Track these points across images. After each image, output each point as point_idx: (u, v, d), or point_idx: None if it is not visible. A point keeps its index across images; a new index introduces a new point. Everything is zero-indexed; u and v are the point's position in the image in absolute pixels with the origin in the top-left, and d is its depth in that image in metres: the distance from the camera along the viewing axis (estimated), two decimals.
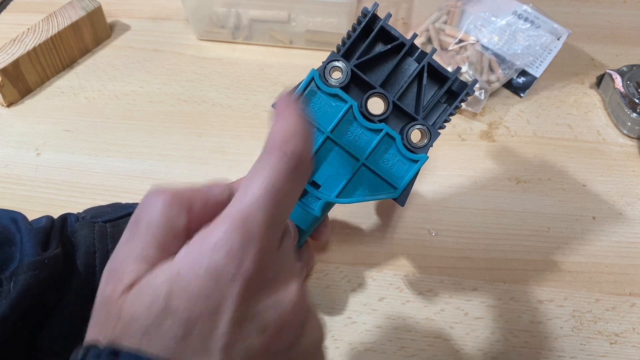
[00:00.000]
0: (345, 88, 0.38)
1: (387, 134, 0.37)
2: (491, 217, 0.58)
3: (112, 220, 0.44)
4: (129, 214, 0.43)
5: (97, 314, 0.27)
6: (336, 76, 0.37)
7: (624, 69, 0.67)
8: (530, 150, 0.64)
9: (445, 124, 0.39)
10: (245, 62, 0.74)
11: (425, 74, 0.37)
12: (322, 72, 0.37)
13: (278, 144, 0.28)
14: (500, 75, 0.67)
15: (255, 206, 0.26)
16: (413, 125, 0.38)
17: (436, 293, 0.53)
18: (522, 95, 0.69)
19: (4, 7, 0.82)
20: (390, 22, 0.38)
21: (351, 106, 0.37)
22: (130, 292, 0.26)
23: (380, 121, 0.37)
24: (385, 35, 0.38)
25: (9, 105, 0.70)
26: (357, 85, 0.38)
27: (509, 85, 0.69)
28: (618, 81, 0.66)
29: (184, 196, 0.30)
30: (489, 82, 0.67)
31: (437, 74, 0.38)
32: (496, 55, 0.68)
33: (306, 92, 0.37)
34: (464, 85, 0.37)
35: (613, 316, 0.51)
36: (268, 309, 0.27)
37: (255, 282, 0.26)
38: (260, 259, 0.26)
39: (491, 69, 0.68)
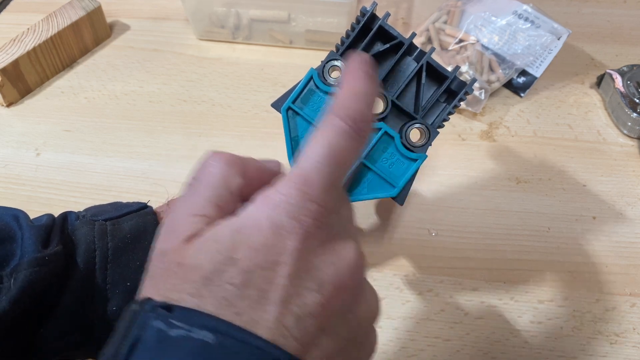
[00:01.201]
0: None
1: (385, 132, 0.37)
2: (491, 217, 0.58)
3: (113, 218, 0.44)
4: (130, 213, 0.43)
5: (153, 268, 0.28)
6: (335, 75, 0.37)
7: (624, 68, 0.67)
8: (530, 150, 0.64)
9: (444, 123, 0.39)
10: (245, 62, 0.74)
11: (424, 73, 0.37)
12: (321, 71, 0.37)
13: (340, 106, 0.29)
14: (501, 75, 0.67)
15: (315, 167, 0.28)
16: (412, 125, 0.38)
17: (436, 293, 0.53)
18: (522, 95, 0.69)
19: (4, 7, 0.82)
20: (391, 22, 0.38)
21: None
22: (193, 243, 0.27)
23: (379, 120, 0.37)
24: (384, 34, 0.38)
25: (9, 105, 0.70)
26: None
27: (509, 85, 0.69)
28: (618, 81, 0.66)
29: (240, 159, 0.31)
30: (489, 82, 0.67)
31: (436, 73, 0.38)
32: (496, 55, 0.68)
33: (305, 91, 0.37)
34: (462, 84, 0.37)
35: (613, 316, 0.51)
36: (326, 266, 0.27)
37: (314, 238, 0.27)
38: (319, 216, 0.27)
39: (491, 69, 0.68)
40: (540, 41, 0.68)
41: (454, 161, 0.63)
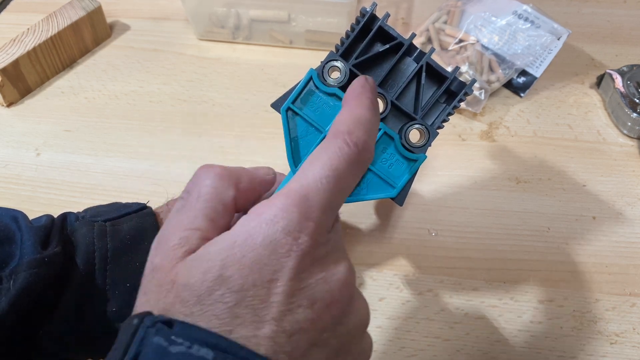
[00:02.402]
0: (343, 88, 0.38)
1: (385, 133, 0.37)
2: (491, 217, 0.58)
3: (112, 219, 0.44)
4: (129, 214, 0.43)
5: (147, 284, 0.28)
6: (335, 76, 0.37)
7: (624, 69, 0.67)
8: (530, 150, 0.64)
9: (443, 123, 0.39)
10: (246, 62, 0.74)
11: (423, 74, 0.37)
12: (320, 72, 0.37)
13: (344, 130, 0.29)
14: (500, 75, 0.67)
15: (317, 186, 0.28)
16: (411, 125, 0.37)
17: (436, 293, 0.53)
18: (522, 95, 0.69)
19: (4, 7, 0.82)
20: (390, 22, 0.38)
21: None
22: (185, 260, 0.27)
23: None
24: (384, 35, 0.38)
25: (9, 105, 0.70)
26: None
27: (509, 85, 0.69)
28: (618, 81, 0.66)
29: (232, 171, 0.31)
30: (489, 82, 0.67)
31: (435, 74, 0.38)
32: (496, 55, 0.68)
33: (304, 91, 0.37)
34: (462, 84, 0.37)
35: (613, 316, 0.51)
36: (318, 284, 0.27)
37: (309, 258, 0.27)
38: (316, 236, 0.27)
39: (491, 69, 0.68)
40: (540, 41, 0.68)
41: (454, 161, 0.63)
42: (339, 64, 0.37)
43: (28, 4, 0.83)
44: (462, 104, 0.65)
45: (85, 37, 0.74)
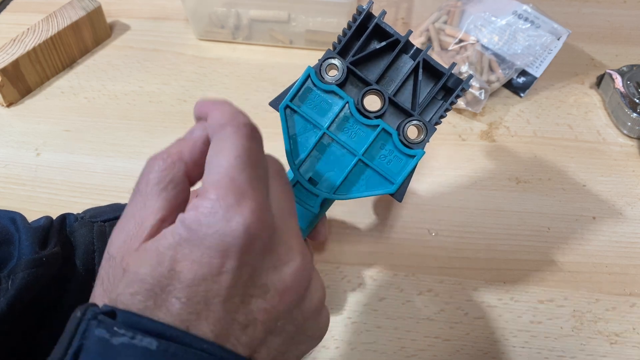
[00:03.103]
0: (341, 85, 0.38)
1: (383, 129, 0.37)
2: (491, 217, 0.58)
3: (111, 219, 0.44)
4: None
5: (102, 273, 0.27)
6: (332, 73, 0.37)
7: (624, 69, 0.66)
8: (530, 150, 0.63)
9: (441, 119, 0.39)
10: (246, 62, 0.74)
11: (420, 70, 0.37)
12: (318, 70, 0.37)
13: (227, 118, 0.29)
14: (500, 75, 0.67)
15: (235, 168, 0.27)
16: (409, 121, 0.37)
17: (436, 293, 0.53)
18: (522, 95, 0.69)
19: (4, 7, 0.83)
20: (391, 23, 0.38)
21: (347, 103, 0.37)
22: (136, 252, 0.26)
23: (376, 117, 0.37)
24: (381, 32, 0.38)
25: (9, 105, 0.70)
26: (353, 82, 0.38)
27: (509, 85, 0.69)
28: (618, 81, 0.65)
29: (171, 150, 0.30)
30: (489, 82, 0.67)
31: (432, 70, 0.38)
32: (496, 55, 0.68)
33: (302, 89, 0.37)
34: (459, 81, 0.37)
35: (613, 316, 0.51)
36: (269, 273, 0.27)
37: (255, 239, 0.26)
38: (257, 216, 0.26)
39: (491, 69, 0.68)
40: (540, 41, 0.68)
41: (454, 161, 0.63)
42: (336, 61, 0.37)
43: (28, 4, 0.83)
44: (462, 104, 0.65)
45: (85, 37, 0.74)
